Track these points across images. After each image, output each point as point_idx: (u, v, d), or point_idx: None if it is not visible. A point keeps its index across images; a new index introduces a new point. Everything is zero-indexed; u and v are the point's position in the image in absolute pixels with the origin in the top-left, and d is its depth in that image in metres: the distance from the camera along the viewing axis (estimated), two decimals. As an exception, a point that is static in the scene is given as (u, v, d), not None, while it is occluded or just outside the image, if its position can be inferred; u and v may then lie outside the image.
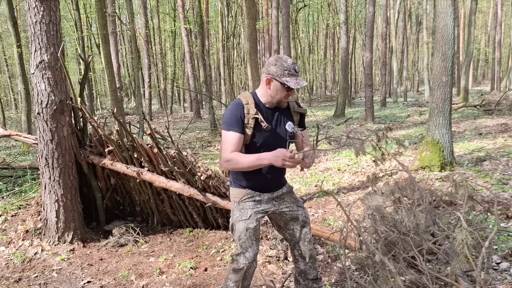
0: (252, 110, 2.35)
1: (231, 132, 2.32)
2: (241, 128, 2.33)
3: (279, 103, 2.40)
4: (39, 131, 4.12)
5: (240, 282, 2.43)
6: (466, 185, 3.16)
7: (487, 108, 13.45)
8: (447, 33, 5.88)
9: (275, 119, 2.43)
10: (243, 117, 2.33)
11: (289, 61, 2.29)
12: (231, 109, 2.36)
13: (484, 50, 42.26)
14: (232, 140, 2.31)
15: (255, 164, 2.26)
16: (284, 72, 2.27)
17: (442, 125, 6.04)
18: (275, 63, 2.29)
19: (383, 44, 20.99)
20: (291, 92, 2.33)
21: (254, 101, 2.38)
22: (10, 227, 4.89)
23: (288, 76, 2.27)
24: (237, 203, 2.51)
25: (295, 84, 2.26)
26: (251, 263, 2.42)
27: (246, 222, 2.43)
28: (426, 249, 2.81)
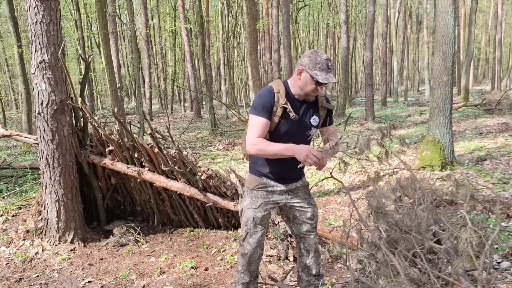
0: (282, 99, 2.38)
1: (259, 117, 2.35)
2: (269, 115, 2.37)
3: (307, 95, 2.41)
4: (40, 131, 4.12)
5: (246, 266, 2.60)
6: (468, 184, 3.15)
7: (487, 107, 13.43)
8: (447, 32, 5.87)
9: (302, 110, 2.46)
10: (272, 105, 2.37)
11: (323, 56, 2.30)
12: (263, 95, 2.39)
13: (485, 49, 42.23)
14: (259, 125, 2.35)
15: (280, 154, 2.31)
16: (316, 65, 2.29)
17: (442, 125, 6.03)
18: (310, 55, 2.31)
19: (384, 43, 20.97)
20: (320, 86, 2.34)
21: (285, 90, 2.42)
22: (11, 227, 4.89)
23: (319, 70, 2.29)
24: (250, 190, 2.57)
25: (323, 79, 2.28)
26: (255, 249, 2.55)
27: (255, 210, 2.53)
28: (428, 248, 2.80)
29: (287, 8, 13.42)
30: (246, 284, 2.70)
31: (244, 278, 2.68)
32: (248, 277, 2.67)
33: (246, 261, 2.59)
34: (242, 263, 2.62)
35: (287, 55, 14.01)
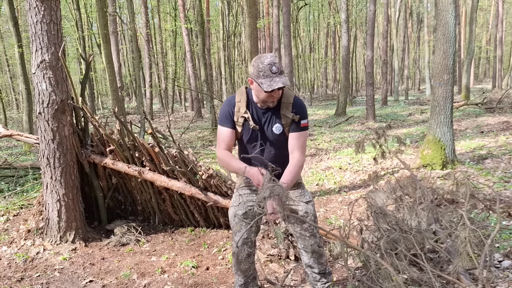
0: (242, 108, 2.40)
1: (223, 127, 2.43)
2: (231, 124, 2.42)
3: (264, 103, 2.37)
4: (41, 130, 4.12)
5: (236, 266, 2.59)
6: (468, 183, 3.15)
7: (488, 106, 13.42)
8: (448, 31, 5.87)
9: (265, 118, 2.43)
10: (232, 115, 2.41)
11: (266, 60, 2.21)
12: (224, 106, 2.45)
13: (486, 48, 42.19)
14: (223, 136, 2.43)
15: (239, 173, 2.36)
16: (259, 73, 2.22)
17: (443, 123, 6.03)
18: (253, 63, 2.25)
19: (384, 42, 20.95)
20: (274, 93, 2.27)
21: (247, 99, 2.41)
22: (12, 226, 4.90)
23: (263, 77, 2.21)
24: (236, 189, 2.61)
25: (268, 87, 2.19)
26: (241, 247, 2.52)
27: (236, 208, 2.54)
28: (428, 247, 2.80)
29: (287, 7, 13.42)
30: (242, 286, 2.67)
31: (239, 280, 2.66)
32: (242, 277, 2.64)
33: (235, 260, 2.58)
34: (233, 263, 2.63)
35: (288, 54, 14.01)
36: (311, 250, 2.60)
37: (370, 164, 7.16)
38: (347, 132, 12.10)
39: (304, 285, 3.25)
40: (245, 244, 2.55)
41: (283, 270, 3.51)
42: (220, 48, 23.57)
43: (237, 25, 26.72)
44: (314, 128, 13.06)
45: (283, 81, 2.21)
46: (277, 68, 2.20)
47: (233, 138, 2.44)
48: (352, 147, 8.98)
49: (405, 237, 2.51)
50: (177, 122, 19.77)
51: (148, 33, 21.98)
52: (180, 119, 21.89)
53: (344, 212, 4.98)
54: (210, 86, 16.21)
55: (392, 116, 15.22)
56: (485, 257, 2.41)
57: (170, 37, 29.06)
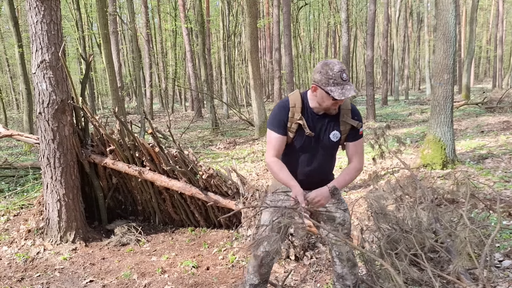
0: (297, 114, 2.28)
1: (274, 133, 2.31)
2: (284, 130, 2.30)
3: (327, 110, 2.28)
4: (41, 130, 4.12)
5: (257, 268, 2.53)
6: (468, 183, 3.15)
7: (489, 105, 13.41)
8: (448, 31, 5.86)
9: (321, 125, 2.33)
10: (286, 121, 2.29)
11: (335, 68, 2.12)
12: (276, 110, 2.32)
13: (486, 47, 42.16)
14: (274, 142, 2.32)
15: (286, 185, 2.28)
16: (329, 80, 2.12)
17: (443, 123, 6.02)
18: (320, 70, 2.15)
19: (384, 42, 20.94)
20: (340, 101, 2.17)
21: (302, 104, 2.30)
22: (13, 226, 4.90)
23: (333, 85, 2.11)
24: (271, 193, 2.54)
25: (340, 95, 2.11)
26: (268, 252, 2.46)
27: (271, 214, 2.45)
28: (429, 247, 2.80)
29: (287, 7, 13.42)
30: (254, 286, 2.65)
31: (253, 280, 2.62)
32: (258, 279, 2.61)
33: (258, 263, 2.53)
34: (253, 264, 2.57)
35: (288, 54, 14.01)
36: (346, 258, 2.53)
37: (370, 164, 7.16)
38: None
39: (304, 285, 3.25)
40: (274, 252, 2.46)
41: (283, 270, 3.51)
42: (220, 48, 23.56)
43: (237, 25, 26.71)
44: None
45: (354, 89, 2.15)
46: (346, 75, 2.14)
47: (284, 144, 2.34)
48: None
49: (405, 237, 2.50)
50: (177, 122, 19.77)
51: (148, 33, 21.98)
52: (180, 119, 21.89)
53: (345, 212, 4.98)
54: (210, 86, 16.21)
55: (392, 116, 15.22)
56: (486, 257, 2.40)
57: (170, 37, 29.05)
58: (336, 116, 2.34)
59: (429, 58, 25.59)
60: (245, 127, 14.59)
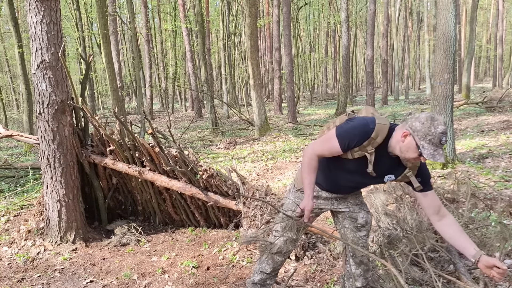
0: (370, 148, 2.12)
1: (337, 142, 2.13)
2: (346, 150, 2.16)
3: (403, 161, 2.14)
4: (41, 131, 4.12)
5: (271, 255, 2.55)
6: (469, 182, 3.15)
7: (489, 105, 13.40)
8: (448, 30, 5.86)
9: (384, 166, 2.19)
10: (357, 144, 2.12)
11: (439, 128, 1.94)
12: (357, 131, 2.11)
13: (486, 47, 42.14)
14: (330, 147, 2.18)
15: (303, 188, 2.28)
16: (426, 136, 1.95)
17: (444, 123, 6.02)
18: (424, 122, 1.97)
19: (384, 41, 20.94)
20: (421, 158, 2.01)
21: (383, 142, 2.12)
22: (13, 227, 4.90)
23: (428, 142, 1.95)
24: (296, 189, 2.51)
25: (429, 155, 1.94)
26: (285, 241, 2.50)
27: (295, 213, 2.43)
28: (429, 247, 2.80)
29: (287, 7, 13.42)
30: (266, 275, 2.62)
31: (265, 268, 2.59)
32: (270, 267, 2.59)
33: (274, 250, 2.53)
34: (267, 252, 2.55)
35: (288, 53, 14.01)
36: (360, 261, 2.50)
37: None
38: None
39: (305, 285, 3.25)
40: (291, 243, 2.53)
41: (283, 269, 3.50)
42: (220, 48, 23.56)
43: (237, 25, 26.72)
44: (314, 128, 13.05)
45: (444, 157, 2.00)
46: (446, 140, 1.98)
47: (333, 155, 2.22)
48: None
49: (405, 236, 2.50)
50: (177, 122, 19.77)
51: (148, 33, 21.99)
52: (180, 119, 21.89)
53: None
54: (211, 86, 16.20)
55: (392, 116, 15.21)
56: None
57: (170, 37, 29.06)
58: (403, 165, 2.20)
59: (429, 57, 25.59)
60: (245, 127, 14.59)
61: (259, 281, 2.64)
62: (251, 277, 2.70)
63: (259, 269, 2.63)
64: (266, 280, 2.64)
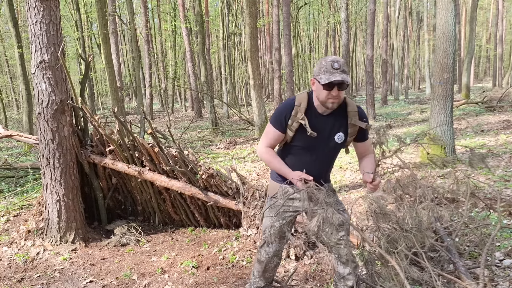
0: (300, 114, 2.27)
1: (273, 128, 2.34)
2: (284, 128, 2.32)
3: (324, 104, 2.25)
4: (40, 131, 4.12)
5: (261, 273, 2.62)
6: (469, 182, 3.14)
7: (489, 105, 13.40)
8: (448, 30, 5.86)
9: (324, 125, 2.31)
10: (287, 119, 2.29)
11: (329, 58, 2.16)
12: (281, 107, 2.34)
13: (486, 46, 42.14)
14: (271, 136, 2.37)
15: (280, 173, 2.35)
16: (320, 69, 2.16)
17: (443, 122, 6.02)
18: (318, 63, 2.21)
19: (384, 41, 20.93)
20: (334, 91, 2.15)
21: (307, 104, 2.29)
22: (13, 227, 4.90)
23: (323, 73, 2.14)
24: (270, 197, 2.54)
25: (326, 80, 2.11)
26: (272, 258, 2.55)
27: (273, 219, 2.48)
28: (429, 246, 2.80)
29: (287, 7, 13.41)
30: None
31: (259, 283, 2.70)
32: (263, 282, 2.69)
33: (262, 268, 2.61)
34: (258, 269, 2.64)
35: (288, 53, 14.00)
36: (346, 260, 2.52)
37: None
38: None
39: (305, 285, 3.25)
40: (276, 256, 2.58)
41: (283, 269, 3.50)
42: (220, 48, 23.55)
43: (237, 25, 26.71)
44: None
45: (342, 77, 2.11)
46: (339, 65, 2.13)
47: (280, 140, 2.38)
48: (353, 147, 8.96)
49: (405, 236, 2.50)
50: (177, 122, 19.76)
51: (148, 33, 21.98)
52: (180, 119, 21.89)
53: (345, 212, 4.97)
54: (210, 86, 16.20)
55: (392, 115, 15.21)
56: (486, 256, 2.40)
57: (170, 37, 29.04)
58: (343, 118, 2.33)
59: (429, 57, 25.59)
60: (245, 127, 14.59)
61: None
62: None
63: (254, 283, 2.72)
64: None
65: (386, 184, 2.93)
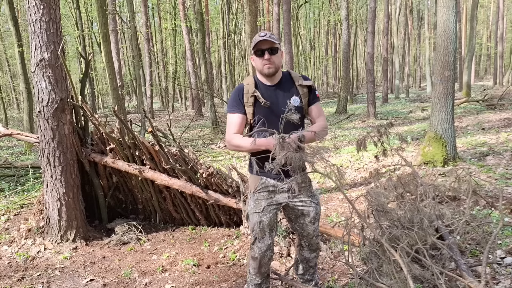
0: (251, 89, 2.45)
1: (232, 114, 2.46)
2: (242, 108, 2.45)
3: (262, 72, 2.44)
4: (41, 129, 4.11)
5: (257, 269, 2.65)
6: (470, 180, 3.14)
7: (489, 103, 13.39)
8: (449, 28, 5.84)
9: (276, 95, 2.48)
10: (241, 98, 2.45)
11: (260, 33, 2.39)
12: (233, 93, 2.51)
13: (486, 44, 42.09)
14: (234, 121, 2.45)
15: (253, 148, 2.34)
16: (253, 44, 2.40)
17: (444, 120, 6.00)
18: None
19: (385, 39, 20.90)
20: (266, 56, 2.38)
21: (254, 82, 2.49)
22: (13, 226, 4.90)
23: (253, 44, 2.40)
24: (252, 193, 2.57)
25: (253, 43, 2.37)
26: (265, 252, 2.58)
27: (260, 214, 2.53)
28: (430, 244, 2.79)
29: (287, 5, 13.39)
30: (258, 285, 2.75)
31: (256, 280, 2.73)
32: (260, 278, 2.73)
33: (257, 264, 2.63)
34: (253, 266, 2.67)
35: (288, 52, 13.98)
36: (315, 248, 2.73)
37: (371, 161, 7.15)
38: (348, 130, 12.08)
39: (308, 284, 3.23)
40: (268, 249, 2.60)
41: (284, 268, 3.50)
42: (220, 47, 23.54)
43: (237, 24, 26.68)
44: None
45: (268, 35, 2.36)
46: (265, 33, 2.38)
47: (243, 123, 2.47)
48: (353, 145, 8.96)
49: (407, 233, 2.49)
50: (177, 121, 19.76)
51: (148, 32, 21.95)
52: (180, 118, 21.88)
53: (345, 210, 4.97)
54: (211, 85, 16.18)
55: (393, 114, 15.19)
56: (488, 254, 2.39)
57: (170, 35, 29.03)
58: (292, 84, 2.52)
59: (430, 55, 25.56)
60: (246, 125, 14.56)
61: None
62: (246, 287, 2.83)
63: (251, 280, 2.75)
64: (261, 285, 2.77)
65: (388, 182, 2.92)
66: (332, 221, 4.61)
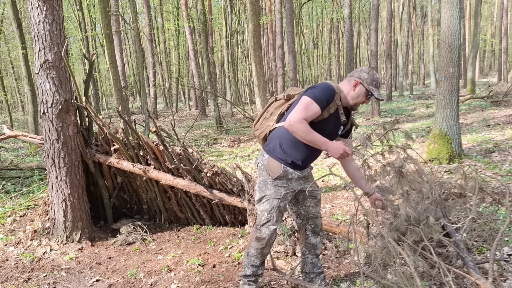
0: (338, 101, 2.58)
1: (316, 104, 2.48)
2: (324, 108, 2.52)
3: (354, 106, 2.64)
4: (45, 131, 4.12)
5: (260, 250, 2.76)
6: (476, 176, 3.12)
7: (494, 99, 13.30)
8: (453, 24, 5.80)
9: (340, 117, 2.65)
10: (330, 102, 2.53)
11: (377, 75, 2.58)
12: (327, 89, 2.54)
13: (491, 41, 41.80)
14: (312, 110, 2.48)
15: (316, 144, 2.51)
16: (373, 82, 2.55)
17: (449, 117, 5.97)
18: (368, 72, 2.56)
19: (388, 37, 20.81)
20: (367, 100, 2.60)
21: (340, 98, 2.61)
22: (19, 227, 4.92)
23: (374, 86, 2.55)
24: (273, 179, 2.67)
25: (378, 95, 2.56)
26: (273, 233, 2.74)
27: (279, 200, 2.68)
28: (437, 241, 2.77)
29: (290, 4, 13.36)
30: (256, 267, 2.83)
31: (255, 261, 2.81)
32: (259, 260, 2.81)
33: (263, 244, 2.73)
34: (256, 246, 2.75)
35: (291, 51, 13.96)
36: (319, 230, 2.91)
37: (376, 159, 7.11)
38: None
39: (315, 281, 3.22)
40: (275, 231, 2.77)
41: (289, 266, 3.49)
42: (223, 46, 23.54)
43: (240, 23, 26.65)
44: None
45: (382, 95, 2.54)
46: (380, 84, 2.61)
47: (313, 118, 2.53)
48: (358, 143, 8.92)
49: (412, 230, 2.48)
50: (181, 121, 19.78)
51: (151, 33, 21.99)
52: (184, 118, 21.91)
53: (351, 208, 4.95)
54: (214, 85, 16.19)
55: (397, 111, 15.13)
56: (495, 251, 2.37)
57: (173, 36, 29.05)
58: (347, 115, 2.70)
59: (433, 52, 25.44)
60: (249, 125, 14.57)
61: (252, 273, 2.84)
62: (242, 272, 2.89)
63: (248, 263, 2.83)
64: (258, 270, 2.85)
65: (393, 179, 2.91)
66: (337, 219, 4.59)
